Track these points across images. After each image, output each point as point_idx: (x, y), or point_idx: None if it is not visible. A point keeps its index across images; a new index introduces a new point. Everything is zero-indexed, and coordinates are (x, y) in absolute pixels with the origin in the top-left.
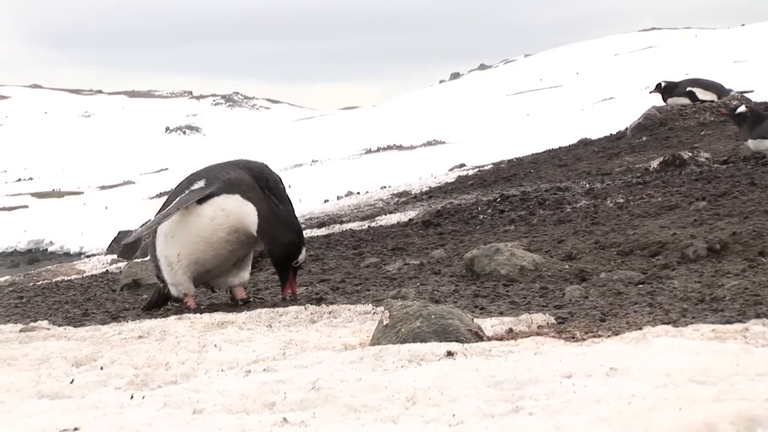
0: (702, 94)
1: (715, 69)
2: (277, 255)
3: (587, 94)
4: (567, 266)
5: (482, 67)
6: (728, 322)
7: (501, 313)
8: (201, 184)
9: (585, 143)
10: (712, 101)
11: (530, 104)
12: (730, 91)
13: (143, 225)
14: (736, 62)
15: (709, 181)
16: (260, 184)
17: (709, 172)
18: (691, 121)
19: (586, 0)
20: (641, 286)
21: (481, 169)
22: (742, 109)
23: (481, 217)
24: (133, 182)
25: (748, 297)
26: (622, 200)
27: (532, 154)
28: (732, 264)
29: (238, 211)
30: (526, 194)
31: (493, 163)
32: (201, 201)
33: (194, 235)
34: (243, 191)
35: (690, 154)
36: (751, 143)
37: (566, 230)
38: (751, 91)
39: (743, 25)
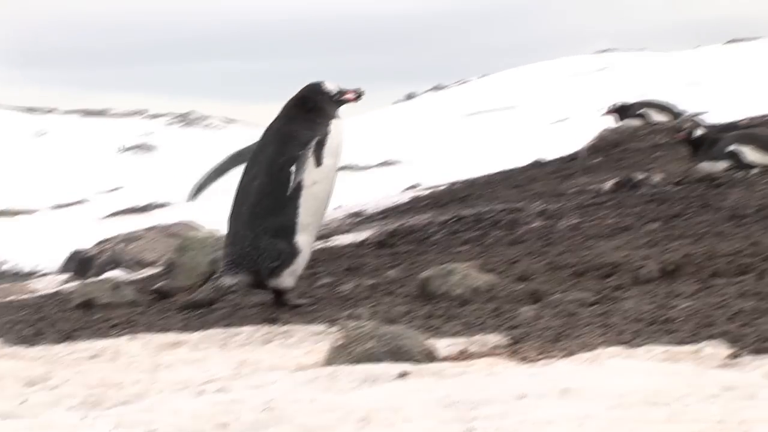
0: (656, 116)
1: (669, 91)
2: None
3: (542, 115)
4: (521, 287)
5: (437, 87)
6: (681, 343)
7: (455, 334)
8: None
9: (539, 164)
10: (666, 123)
11: (485, 125)
12: (684, 112)
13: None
14: (690, 84)
15: (662, 202)
16: None
17: (662, 193)
18: (644, 143)
19: (542, 21)
20: (594, 307)
21: (435, 189)
22: (698, 132)
23: (436, 237)
24: (87, 201)
25: (700, 319)
26: (575, 221)
27: (487, 174)
28: (685, 285)
29: None
30: (481, 215)
31: (447, 184)
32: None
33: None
34: None
35: (643, 175)
36: (705, 165)
37: (520, 251)
38: (705, 113)
39: (697, 47)
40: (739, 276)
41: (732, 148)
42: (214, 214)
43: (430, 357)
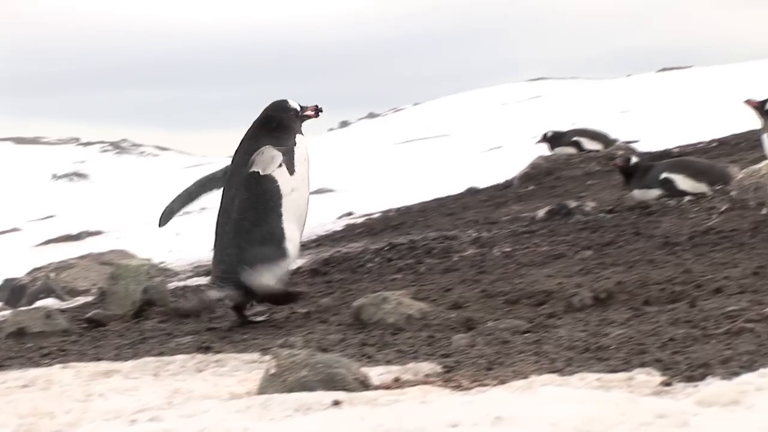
0: (588, 144)
1: (602, 119)
2: None
3: (475, 143)
4: (454, 315)
5: (371, 115)
6: (613, 371)
7: (388, 362)
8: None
9: (473, 192)
10: (598, 151)
11: (419, 153)
12: (616, 141)
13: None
14: (622, 112)
15: (595, 230)
16: None
17: (595, 221)
18: (577, 171)
19: (475, 50)
20: (527, 334)
21: (369, 217)
22: (634, 159)
23: (369, 265)
24: (19, 229)
25: (633, 346)
26: (509, 249)
27: (421, 202)
28: (617, 313)
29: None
30: (414, 243)
31: (381, 212)
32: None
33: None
34: None
35: (576, 203)
36: (637, 193)
37: (453, 279)
38: (637, 141)
39: (629, 75)
40: (672, 304)
41: (664, 176)
42: (147, 243)
43: (363, 385)
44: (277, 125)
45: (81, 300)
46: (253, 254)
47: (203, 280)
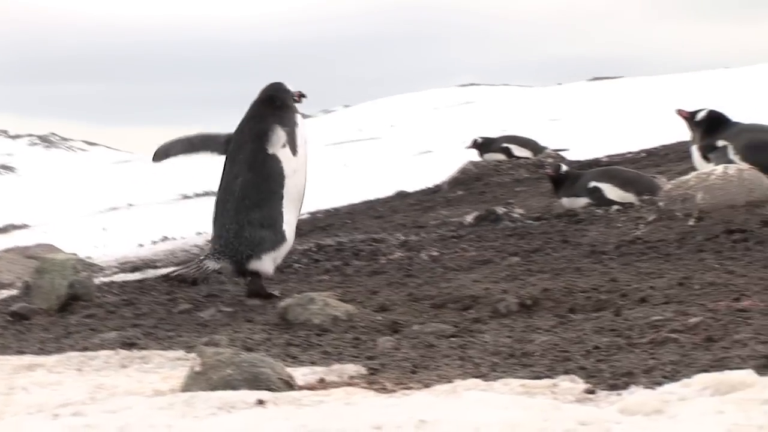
0: (518, 151)
1: (532, 126)
2: None
3: (406, 147)
4: (380, 317)
5: (302, 116)
6: (538, 377)
7: (313, 363)
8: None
9: (402, 195)
10: (528, 158)
11: (348, 155)
12: (546, 148)
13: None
14: (552, 120)
15: (522, 237)
16: None
17: (522, 228)
18: (506, 177)
19: (407, 53)
20: (453, 339)
21: (297, 218)
22: (564, 168)
23: (296, 266)
24: None
25: (557, 353)
26: (436, 253)
27: (349, 204)
28: (543, 320)
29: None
30: (342, 245)
31: (309, 213)
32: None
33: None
34: None
35: (504, 209)
36: (565, 201)
37: (380, 281)
38: (566, 150)
39: (560, 84)
40: (597, 312)
41: (593, 184)
42: (73, 237)
43: (288, 385)
44: (281, 104)
45: (5, 293)
46: (253, 237)
47: (130, 276)
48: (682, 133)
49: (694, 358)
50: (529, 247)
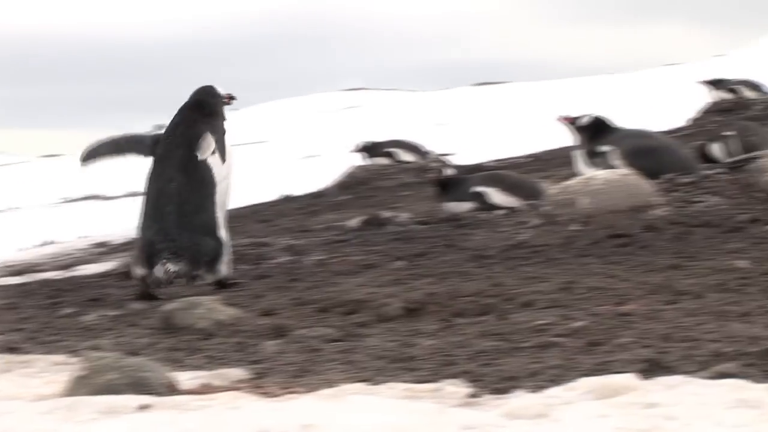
0: (404, 155)
1: (418, 131)
2: None
3: (292, 151)
4: (265, 321)
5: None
6: (422, 381)
7: (197, 367)
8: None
9: (288, 199)
10: (413, 162)
11: (234, 158)
12: (431, 153)
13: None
14: (438, 125)
15: (407, 241)
16: None
17: (407, 232)
18: (392, 182)
19: (293, 57)
20: (338, 343)
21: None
22: (447, 172)
23: None
24: None
25: (442, 357)
26: (322, 257)
27: (235, 208)
28: (427, 324)
29: None
30: None
31: None
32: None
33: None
34: None
35: (390, 213)
36: (450, 205)
37: (266, 285)
38: (452, 154)
39: (446, 89)
40: (481, 316)
41: (477, 189)
42: None
43: (172, 390)
44: (209, 111)
45: None
46: (203, 247)
47: (12, 280)
48: (567, 138)
49: (578, 362)
50: (414, 252)
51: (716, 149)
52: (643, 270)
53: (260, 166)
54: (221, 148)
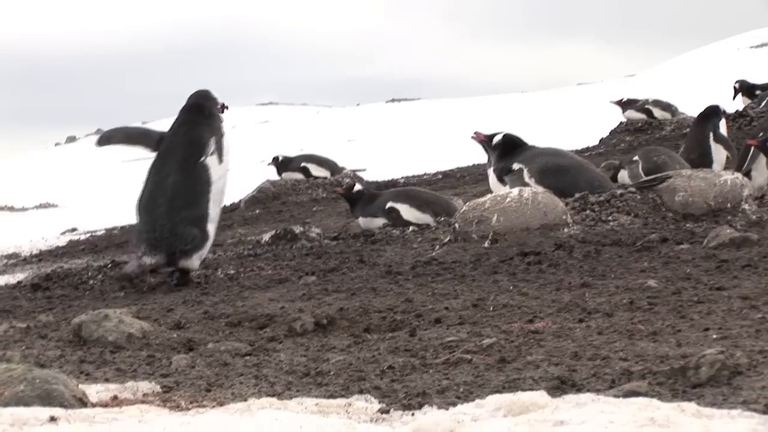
0: (316, 171)
1: (330, 146)
2: None
3: None
4: (175, 335)
5: (99, 131)
6: (332, 396)
7: (107, 380)
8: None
9: None
10: (326, 178)
11: (145, 171)
12: (344, 168)
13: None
14: (350, 140)
15: (319, 256)
16: None
17: (319, 247)
18: (304, 197)
19: (206, 71)
20: (248, 357)
21: (93, 234)
22: (358, 187)
23: (92, 282)
24: None
25: (352, 372)
26: (233, 272)
27: None
28: (338, 339)
29: None
30: None
31: (105, 229)
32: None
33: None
34: None
35: (302, 228)
36: (362, 221)
37: (176, 299)
38: (364, 170)
39: (358, 104)
40: (392, 332)
41: (389, 205)
42: None
43: (81, 402)
44: (208, 113)
45: None
46: (186, 235)
47: None
48: (479, 155)
49: (488, 378)
50: (326, 267)
51: (623, 175)
52: (554, 288)
53: None
54: (219, 150)
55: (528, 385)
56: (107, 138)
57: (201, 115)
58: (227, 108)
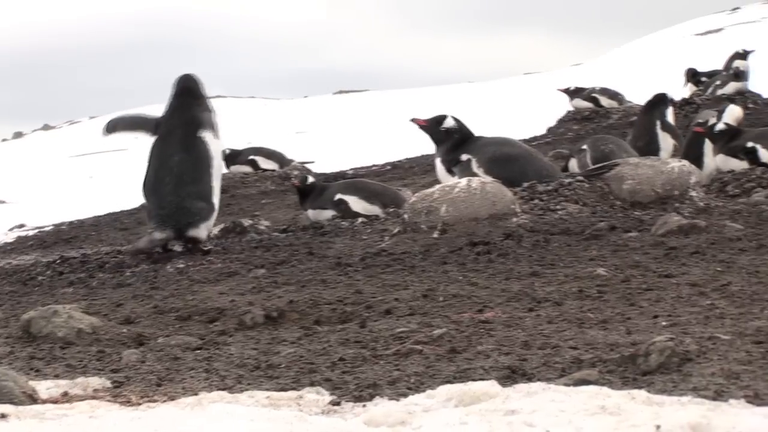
0: (264, 163)
1: (279, 139)
2: None
3: None
4: (125, 330)
5: (46, 127)
6: (283, 389)
7: (57, 376)
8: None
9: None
10: (274, 170)
11: (94, 166)
12: (292, 161)
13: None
14: (298, 133)
15: (268, 249)
16: None
17: (268, 240)
18: (252, 189)
19: (154, 64)
20: (198, 351)
21: (41, 230)
22: (311, 180)
23: (40, 278)
24: None
25: (303, 365)
26: (182, 266)
27: (94, 216)
28: (288, 332)
29: None
30: (87, 257)
31: (54, 225)
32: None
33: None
34: None
35: (250, 221)
36: (311, 213)
37: (126, 294)
38: (312, 162)
39: (306, 97)
40: (343, 324)
41: (338, 197)
42: None
43: (31, 399)
44: (198, 95)
45: None
46: (192, 207)
47: None
48: (427, 146)
49: (439, 369)
50: (275, 260)
51: (573, 164)
52: (503, 278)
53: (119, 174)
54: (213, 126)
55: (479, 375)
56: (113, 126)
57: (191, 97)
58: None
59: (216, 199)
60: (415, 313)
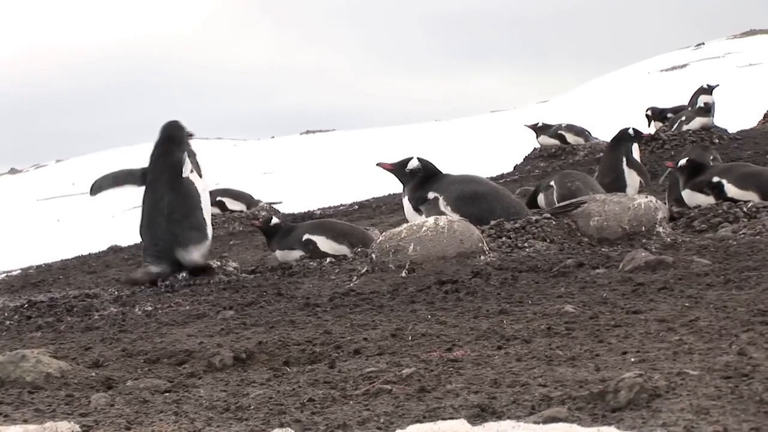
0: (232, 204)
1: (246, 179)
2: None
3: (119, 202)
4: (94, 374)
5: (13, 171)
6: (252, 431)
7: (25, 421)
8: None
9: (115, 250)
10: (242, 211)
11: (61, 210)
12: (260, 201)
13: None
14: (266, 173)
15: (236, 290)
16: None
17: (237, 281)
18: (220, 231)
19: (120, 108)
20: (168, 394)
21: (8, 274)
22: (275, 220)
23: (8, 323)
24: None
25: (272, 406)
26: (150, 308)
27: (62, 260)
28: (258, 373)
29: None
30: (55, 300)
31: (21, 269)
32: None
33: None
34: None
35: (219, 263)
36: (279, 254)
37: (94, 337)
38: (280, 203)
39: (273, 137)
40: (312, 364)
41: (306, 237)
42: None
43: None
44: (179, 140)
45: None
46: (186, 238)
47: None
48: (394, 185)
49: (408, 408)
50: (244, 301)
51: (541, 199)
52: (472, 316)
53: (87, 216)
54: (197, 167)
55: (448, 414)
56: (98, 187)
57: (173, 143)
58: (193, 135)
59: (209, 231)
60: (384, 352)
